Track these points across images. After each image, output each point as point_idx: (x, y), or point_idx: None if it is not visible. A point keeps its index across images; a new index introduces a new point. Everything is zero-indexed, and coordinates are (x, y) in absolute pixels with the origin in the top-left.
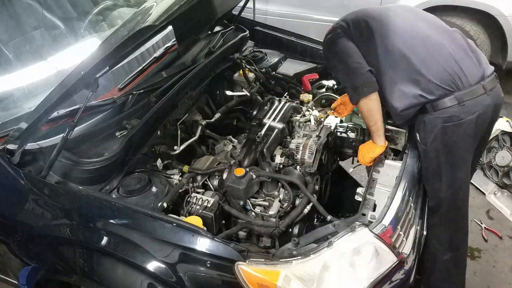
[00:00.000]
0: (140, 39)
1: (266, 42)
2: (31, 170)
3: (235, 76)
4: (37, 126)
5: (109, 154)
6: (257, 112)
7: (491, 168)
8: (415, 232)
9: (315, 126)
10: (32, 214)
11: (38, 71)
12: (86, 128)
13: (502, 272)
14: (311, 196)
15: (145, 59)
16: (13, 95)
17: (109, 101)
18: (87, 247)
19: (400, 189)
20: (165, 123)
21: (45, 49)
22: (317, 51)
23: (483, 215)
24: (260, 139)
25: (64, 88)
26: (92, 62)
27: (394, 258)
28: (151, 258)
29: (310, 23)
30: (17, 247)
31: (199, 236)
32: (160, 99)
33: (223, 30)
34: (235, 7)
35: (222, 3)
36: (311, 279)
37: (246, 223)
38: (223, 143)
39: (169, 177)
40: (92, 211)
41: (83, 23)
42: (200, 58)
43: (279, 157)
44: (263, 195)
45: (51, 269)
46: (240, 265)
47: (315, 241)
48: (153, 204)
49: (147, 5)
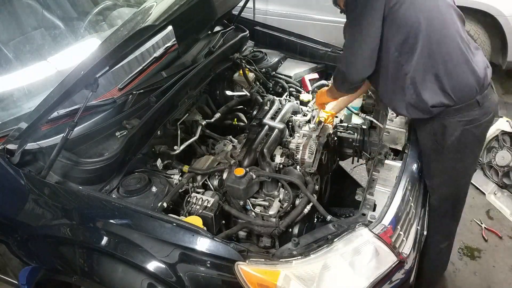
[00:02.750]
0: (140, 39)
1: (266, 42)
2: (31, 170)
3: (235, 76)
4: (37, 126)
5: (109, 154)
6: (257, 112)
7: (491, 168)
8: (415, 232)
9: (315, 126)
10: (32, 214)
11: (38, 71)
12: (86, 128)
13: (502, 272)
14: (311, 196)
15: (145, 59)
16: (13, 95)
17: (109, 101)
18: (87, 247)
19: (400, 189)
20: (165, 123)
21: (45, 49)
22: (317, 51)
23: (483, 215)
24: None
25: (64, 88)
26: (92, 62)
27: (394, 258)
28: (151, 258)
29: (310, 23)
30: (17, 247)
31: (199, 236)
32: (160, 99)
33: (223, 30)
34: (235, 7)
35: (222, 3)
36: (311, 279)
37: (246, 223)
38: (223, 143)
39: (169, 177)
40: (92, 211)
41: (83, 23)
42: (200, 58)
43: (279, 157)
44: (263, 195)
45: (51, 269)
46: (240, 265)
47: (315, 241)
48: (153, 204)
49: (147, 5)
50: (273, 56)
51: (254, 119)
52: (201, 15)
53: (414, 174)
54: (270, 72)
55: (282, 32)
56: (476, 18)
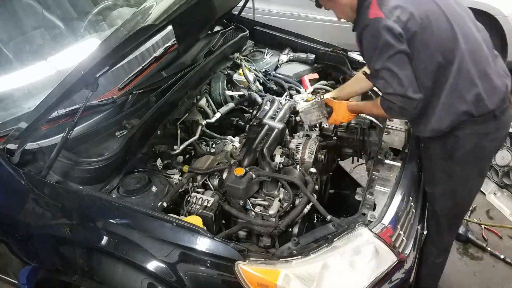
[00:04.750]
0: (140, 39)
1: (266, 42)
2: (31, 169)
3: (235, 76)
4: (37, 125)
5: (109, 153)
6: (257, 112)
7: (491, 168)
8: (415, 232)
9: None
10: (32, 213)
11: (38, 71)
12: (86, 127)
13: (502, 272)
14: (311, 195)
15: (145, 58)
16: (13, 95)
17: (109, 100)
18: (87, 247)
19: (400, 188)
20: (165, 123)
21: (45, 49)
22: (317, 51)
23: (483, 215)
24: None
25: (64, 88)
26: (92, 62)
27: (394, 258)
28: (151, 257)
29: (310, 23)
30: (17, 247)
31: (199, 236)
32: (160, 99)
33: (223, 30)
34: (235, 7)
35: (222, 3)
36: (311, 279)
37: (246, 223)
38: (223, 143)
39: (169, 177)
40: (92, 210)
41: (83, 23)
42: (200, 58)
43: (279, 156)
44: (263, 194)
45: (51, 269)
46: (240, 265)
47: (315, 240)
48: (153, 203)
49: (147, 4)
50: (273, 56)
51: (254, 119)
52: (201, 15)
53: (414, 174)
54: (270, 72)
55: (282, 32)
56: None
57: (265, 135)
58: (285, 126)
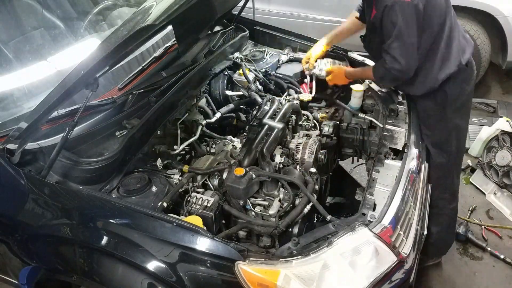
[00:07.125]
0: (140, 39)
1: (266, 42)
2: (31, 169)
3: (235, 76)
4: (37, 125)
5: (109, 153)
6: (257, 112)
7: (491, 168)
8: (415, 232)
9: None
10: (32, 213)
11: (38, 71)
12: (86, 127)
13: (502, 272)
14: (311, 195)
15: (145, 58)
16: (13, 95)
17: (109, 100)
18: (87, 247)
19: (400, 188)
20: (165, 123)
21: (45, 49)
22: None
23: (483, 215)
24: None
25: (64, 88)
26: (92, 62)
27: (394, 258)
28: (151, 257)
29: (310, 23)
30: (17, 247)
31: (199, 236)
32: (160, 99)
33: (223, 30)
34: (235, 7)
35: (222, 3)
36: (311, 279)
37: (246, 223)
38: (223, 143)
39: (169, 177)
40: (92, 210)
41: (83, 23)
42: (200, 58)
43: (279, 157)
44: (263, 194)
45: (51, 268)
46: (240, 265)
47: (315, 240)
48: (153, 203)
49: (147, 4)
50: (273, 56)
51: (254, 119)
52: (201, 15)
53: (414, 174)
54: (269, 72)
55: (282, 32)
56: (476, 18)
57: (265, 135)
58: (285, 126)
